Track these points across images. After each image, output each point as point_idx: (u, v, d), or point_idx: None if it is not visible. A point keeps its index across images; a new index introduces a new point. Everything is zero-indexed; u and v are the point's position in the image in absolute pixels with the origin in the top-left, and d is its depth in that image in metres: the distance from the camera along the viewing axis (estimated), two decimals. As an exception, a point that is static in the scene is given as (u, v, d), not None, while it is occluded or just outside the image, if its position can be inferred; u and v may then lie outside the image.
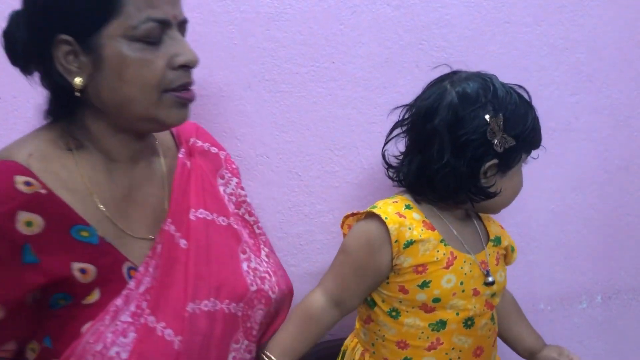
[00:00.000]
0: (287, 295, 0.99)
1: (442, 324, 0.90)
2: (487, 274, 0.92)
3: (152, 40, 0.75)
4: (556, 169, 1.29)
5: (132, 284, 0.78)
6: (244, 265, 0.90)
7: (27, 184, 0.72)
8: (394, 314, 0.91)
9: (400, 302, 0.90)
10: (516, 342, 1.06)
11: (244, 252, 0.91)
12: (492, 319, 0.95)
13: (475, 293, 0.91)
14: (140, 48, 0.75)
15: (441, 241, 0.89)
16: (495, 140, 0.85)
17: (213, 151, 0.98)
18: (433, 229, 0.89)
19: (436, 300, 0.88)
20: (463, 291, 0.89)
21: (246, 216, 0.99)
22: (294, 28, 1.14)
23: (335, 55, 1.17)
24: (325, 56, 1.16)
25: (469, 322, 0.91)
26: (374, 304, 0.94)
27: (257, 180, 1.20)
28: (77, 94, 0.76)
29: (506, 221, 1.29)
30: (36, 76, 0.80)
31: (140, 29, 0.74)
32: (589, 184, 1.31)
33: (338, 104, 1.17)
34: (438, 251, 0.88)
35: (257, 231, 1.00)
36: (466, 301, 0.90)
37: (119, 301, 0.77)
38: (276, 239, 1.23)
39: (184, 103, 0.81)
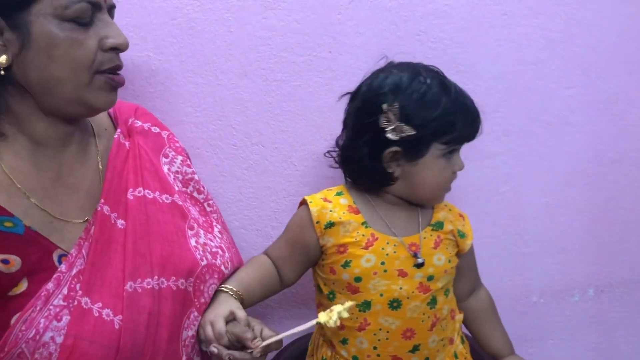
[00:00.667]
0: None
1: (367, 304, 0.94)
2: (416, 256, 0.94)
3: (82, 21, 0.75)
4: (550, 162, 1.30)
5: (63, 267, 0.77)
6: (192, 241, 0.89)
7: None
8: (330, 296, 0.97)
9: (334, 283, 0.97)
10: (484, 344, 1.08)
11: (192, 228, 0.91)
12: (431, 302, 0.95)
13: (402, 274, 0.93)
14: (71, 28, 0.74)
15: (362, 223, 0.95)
16: (389, 128, 0.89)
17: (154, 131, 0.97)
18: (357, 213, 0.96)
19: (358, 279, 0.93)
20: (385, 271, 0.93)
21: (195, 194, 0.98)
22: (291, 17, 1.14)
23: (332, 45, 1.16)
24: (322, 46, 1.16)
25: (394, 304, 0.93)
26: (320, 289, 1.00)
27: (252, 170, 1.20)
28: (1, 72, 0.74)
29: (500, 214, 1.31)
30: None
31: (71, 9, 0.73)
32: (583, 177, 1.32)
33: (334, 93, 1.17)
34: (358, 232, 0.94)
35: (208, 209, 0.99)
36: (390, 281, 0.93)
37: (50, 285, 0.76)
38: (270, 228, 1.23)
39: (114, 86, 0.81)
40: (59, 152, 0.83)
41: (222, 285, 0.92)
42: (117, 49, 0.79)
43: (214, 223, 0.98)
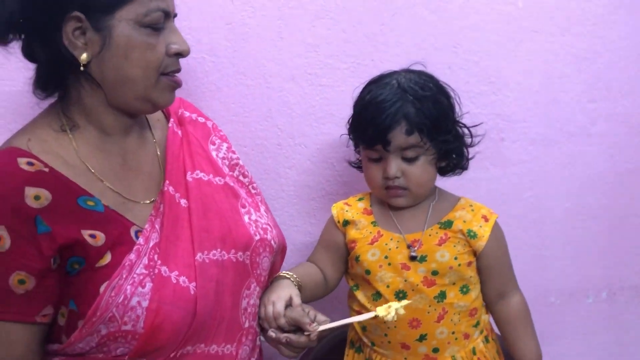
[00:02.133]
0: (282, 249, 1.07)
1: (378, 294, 1.03)
2: (411, 250, 1.01)
3: (156, 27, 0.83)
4: (572, 170, 1.38)
5: (141, 240, 0.85)
6: (246, 218, 0.97)
7: (30, 163, 0.79)
8: (354, 287, 1.08)
9: (355, 276, 1.08)
10: (510, 349, 1.09)
11: (244, 207, 0.99)
12: (439, 296, 1.00)
13: (405, 267, 1.01)
14: (147, 33, 0.82)
15: (372, 222, 1.07)
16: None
17: (200, 120, 1.05)
18: (370, 214, 1.08)
19: (368, 272, 1.03)
20: (389, 264, 1.02)
21: (240, 177, 1.05)
22: (338, 26, 1.22)
23: (375, 54, 1.24)
24: (365, 54, 1.24)
25: (400, 295, 1.01)
26: (348, 282, 1.11)
27: (294, 169, 1.27)
28: (82, 68, 0.81)
29: (524, 218, 1.38)
30: (13, 46, 0.83)
31: (150, 17, 0.82)
32: (601, 185, 1.40)
33: (375, 99, 1.24)
34: (367, 230, 1.06)
35: (253, 191, 1.06)
36: (395, 274, 1.02)
37: (132, 256, 0.83)
38: (309, 224, 1.31)
39: (175, 87, 0.90)
40: (123, 140, 0.91)
41: (284, 272, 1.01)
42: (180, 55, 0.88)
43: (259, 204, 1.06)
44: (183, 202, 0.91)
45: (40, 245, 0.77)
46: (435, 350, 1.03)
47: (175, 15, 0.89)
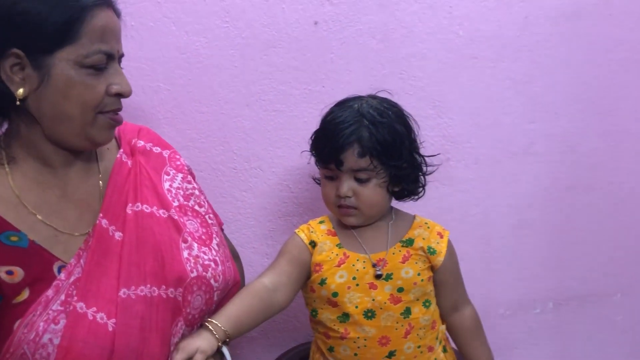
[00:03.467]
0: (232, 286, 1.03)
1: (346, 316, 1.04)
2: (376, 268, 1.05)
3: (97, 68, 0.85)
4: (515, 188, 1.45)
5: (62, 275, 0.84)
6: (185, 253, 0.95)
7: None
8: (314, 313, 1.08)
9: (315, 301, 1.07)
10: (466, 358, 1.16)
11: (185, 241, 0.96)
12: (405, 312, 1.04)
13: (373, 287, 1.04)
14: (86, 73, 0.84)
15: (337, 245, 1.08)
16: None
17: (156, 151, 1.04)
18: (334, 235, 1.09)
19: (335, 294, 1.04)
20: (357, 285, 1.04)
21: (196, 207, 1.04)
22: (290, 54, 1.27)
23: (326, 81, 1.30)
24: (317, 81, 1.29)
25: (369, 314, 1.04)
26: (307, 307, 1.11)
27: (251, 192, 1.30)
28: (18, 102, 0.83)
29: (471, 234, 1.45)
30: None
31: (90, 58, 0.83)
32: (543, 202, 1.48)
33: (327, 124, 1.29)
34: (332, 252, 1.07)
35: (210, 221, 1.05)
36: (363, 294, 1.04)
37: (49, 292, 0.82)
38: (266, 246, 1.34)
39: (113, 125, 0.91)
40: (65, 172, 0.91)
41: (210, 319, 0.96)
42: (121, 95, 0.90)
43: (214, 235, 1.04)
44: (118, 235, 0.91)
45: None
46: None
47: (121, 56, 0.91)
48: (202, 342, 0.93)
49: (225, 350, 0.95)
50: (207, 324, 0.95)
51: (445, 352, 1.13)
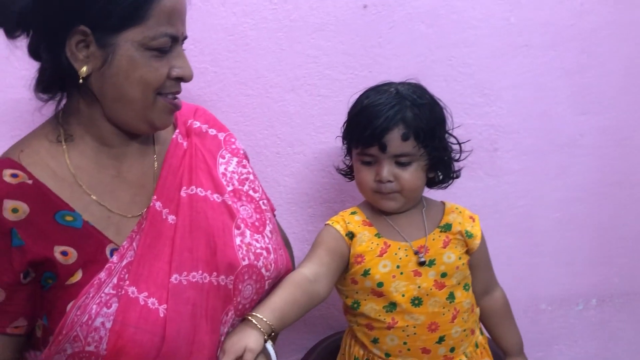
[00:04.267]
0: (284, 274, 1.01)
1: (393, 305, 1.03)
2: (419, 255, 1.04)
3: (162, 50, 0.83)
4: (563, 180, 1.42)
5: (115, 258, 0.83)
6: (237, 240, 0.93)
7: (14, 175, 0.80)
8: (355, 305, 1.06)
9: (357, 292, 1.06)
10: (496, 340, 1.17)
11: (238, 228, 0.94)
12: (450, 297, 1.04)
13: (417, 274, 1.03)
14: (150, 55, 0.82)
15: (376, 234, 1.06)
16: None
17: (211, 133, 1.03)
18: (370, 225, 1.07)
19: (380, 284, 1.03)
20: (402, 273, 1.03)
21: (250, 192, 1.02)
22: (337, 38, 1.25)
23: (373, 66, 1.27)
24: (364, 66, 1.27)
25: (416, 302, 1.03)
26: (345, 301, 1.09)
27: (293, 177, 1.29)
28: (81, 81, 0.82)
29: (516, 226, 1.42)
30: (21, 42, 0.84)
31: (156, 41, 0.82)
32: (590, 196, 1.44)
33: (372, 110, 1.27)
34: (372, 242, 1.05)
35: (264, 207, 1.03)
36: (408, 282, 1.03)
37: (102, 274, 0.82)
38: (306, 232, 1.33)
39: (173, 110, 0.90)
40: (122, 151, 0.90)
41: (253, 313, 0.92)
42: (182, 80, 0.88)
43: (267, 222, 1.02)
44: (171, 218, 0.89)
45: (13, 258, 0.78)
46: (452, 349, 1.05)
47: (185, 38, 0.89)
48: (249, 339, 0.88)
49: (269, 346, 0.91)
50: (250, 318, 0.91)
51: (482, 334, 1.13)
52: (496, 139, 1.35)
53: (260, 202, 1.03)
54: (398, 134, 0.99)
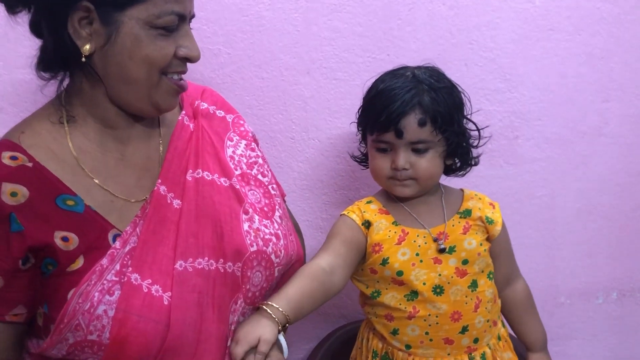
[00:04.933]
0: (295, 261, 0.98)
1: (414, 293, 1.00)
2: (438, 242, 1.01)
3: (168, 29, 0.80)
4: (584, 170, 1.37)
5: (117, 244, 0.81)
6: (245, 226, 0.90)
7: (13, 158, 0.78)
8: (375, 294, 1.03)
9: (377, 282, 1.03)
10: (518, 334, 1.13)
11: (247, 213, 0.91)
12: (472, 285, 1.01)
13: (437, 261, 1.01)
14: (156, 34, 0.79)
15: (393, 222, 1.03)
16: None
17: (219, 115, 1.00)
18: (387, 214, 1.04)
19: (400, 273, 1.00)
20: (421, 261, 1.00)
21: (259, 176, 0.99)
22: (354, 20, 1.21)
23: (391, 49, 1.23)
24: (382, 48, 1.23)
25: (437, 290, 1.00)
26: (363, 292, 1.05)
27: (308, 163, 1.26)
28: (84, 59, 0.79)
29: (536, 217, 1.38)
30: (22, 18, 0.81)
31: (162, 19, 0.79)
32: (613, 186, 1.40)
33: (390, 94, 1.23)
34: (390, 230, 1.02)
35: (273, 192, 1.00)
36: (428, 270, 1.00)
37: (104, 261, 0.79)
38: (320, 219, 1.30)
39: (178, 91, 0.87)
40: (126, 133, 0.88)
41: (269, 302, 0.89)
42: (189, 60, 0.85)
43: (277, 207, 0.99)
44: (176, 203, 0.87)
45: (11, 244, 0.76)
46: (476, 340, 1.02)
47: (192, 17, 0.86)
48: (264, 329, 0.85)
49: (281, 336, 0.88)
50: (265, 307, 0.88)
51: (504, 327, 1.10)
52: (517, 126, 1.31)
53: (270, 187, 1.00)
54: (415, 119, 0.96)
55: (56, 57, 0.82)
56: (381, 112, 0.97)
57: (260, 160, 1.01)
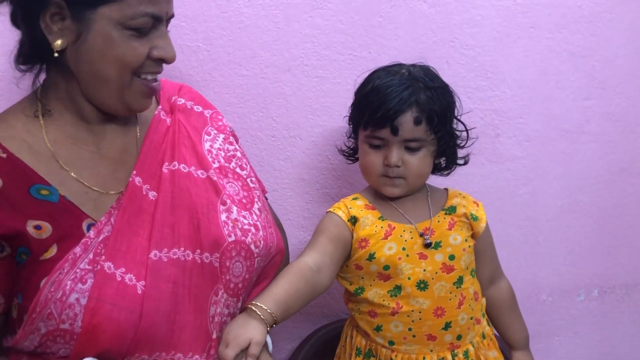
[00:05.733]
0: (275, 254, 0.98)
1: (398, 289, 1.01)
2: (424, 237, 1.01)
3: (142, 31, 0.79)
4: (566, 168, 1.38)
5: (92, 233, 0.81)
6: (223, 216, 0.90)
7: None
8: (359, 291, 1.03)
9: (362, 278, 1.03)
10: (501, 333, 1.14)
11: (224, 204, 0.91)
12: (457, 282, 1.02)
13: (422, 257, 1.01)
14: (128, 35, 0.79)
15: (379, 218, 1.04)
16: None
17: (197, 110, 1.00)
18: (373, 209, 1.05)
19: (386, 267, 1.00)
20: (407, 255, 1.01)
21: (237, 170, 0.99)
22: (335, 17, 1.20)
23: (372, 46, 1.23)
24: (363, 46, 1.22)
25: (421, 285, 1.00)
26: (347, 288, 1.06)
27: (289, 161, 1.25)
28: (56, 54, 0.79)
29: (517, 215, 1.38)
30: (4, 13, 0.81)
31: (135, 21, 0.78)
32: (594, 184, 1.41)
33: (371, 92, 1.23)
34: (376, 225, 1.02)
35: (252, 185, 1.00)
36: (414, 265, 1.00)
37: (77, 249, 0.79)
38: (302, 218, 1.29)
39: (150, 93, 0.87)
40: (100, 128, 0.88)
41: (257, 303, 0.89)
42: (164, 61, 0.84)
43: (256, 199, 0.99)
44: (152, 194, 0.87)
45: None
46: (459, 337, 1.02)
47: (171, 17, 0.85)
48: (254, 331, 0.85)
49: (267, 337, 0.88)
50: (253, 307, 0.88)
51: (489, 325, 1.11)
52: (499, 124, 1.31)
53: (248, 180, 1.00)
54: (411, 117, 0.96)
55: (32, 51, 0.82)
56: (378, 109, 0.97)
57: (238, 154, 1.01)
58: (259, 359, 0.85)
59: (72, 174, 0.84)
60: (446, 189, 1.10)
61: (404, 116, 0.96)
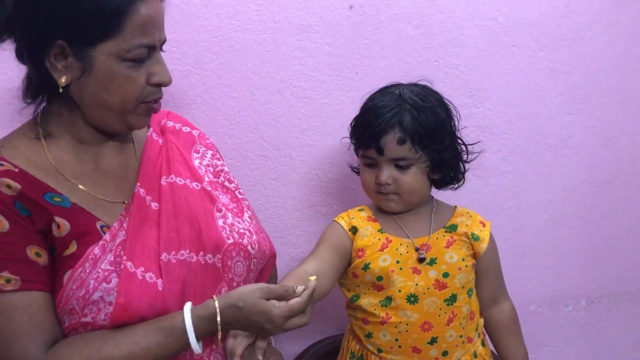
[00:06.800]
0: (269, 257, 1.04)
1: (389, 299, 1.04)
2: (419, 252, 1.04)
3: (139, 60, 0.85)
4: (550, 181, 1.41)
5: (107, 236, 0.86)
6: (220, 222, 0.96)
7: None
8: (354, 298, 1.07)
9: (358, 286, 1.07)
10: (500, 355, 1.15)
11: (220, 211, 0.98)
12: (450, 299, 1.04)
13: (416, 271, 1.04)
14: (127, 66, 0.84)
15: (379, 230, 1.07)
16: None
17: (185, 130, 1.06)
18: (375, 221, 1.09)
19: (379, 278, 1.03)
20: (401, 269, 1.04)
21: (226, 183, 1.05)
22: (323, 40, 1.23)
23: (359, 67, 1.26)
24: (350, 67, 1.25)
25: (412, 299, 1.03)
26: (346, 294, 1.10)
27: (280, 180, 1.28)
28: (60, 90, 0.84)
29: (504, 228, 1.41)
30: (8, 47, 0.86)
31: (132, 53, 0.84)
32: (579, 196, 1.44)
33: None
34: (374, 237, 1.06)
35: (240, 196, 1.06)
36: (406, 278, 1.03)
37: (96, 250, 0.85)
38: (294, 236, 1.31)
39: (150, 112, 0.92)
40: (98, 149, 0.93)
41: None
42: (162, 85, 0.90)
43: (245, 209, 1.05)
44: (154, 205, 0.92)
45: (33, 226, 0.82)
46: (445, 353, 1.04)
47: (163, 42, 0.90)
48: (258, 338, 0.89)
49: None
50: None
51: (483, 346, 1.12)
52: (484, 140, 1.34)
53: (236, 192, 1.06)
54: (394, 138, 1.00)
55: (38, 86, 0.88)
56: (365, 129, 1.02)
57: (226, 169, 1.07)
58: (265, 351, 0.90)
59: (80, 185, 0.89)
60: (455, 207, 1.12)
61: (387, 137, 1.00)
